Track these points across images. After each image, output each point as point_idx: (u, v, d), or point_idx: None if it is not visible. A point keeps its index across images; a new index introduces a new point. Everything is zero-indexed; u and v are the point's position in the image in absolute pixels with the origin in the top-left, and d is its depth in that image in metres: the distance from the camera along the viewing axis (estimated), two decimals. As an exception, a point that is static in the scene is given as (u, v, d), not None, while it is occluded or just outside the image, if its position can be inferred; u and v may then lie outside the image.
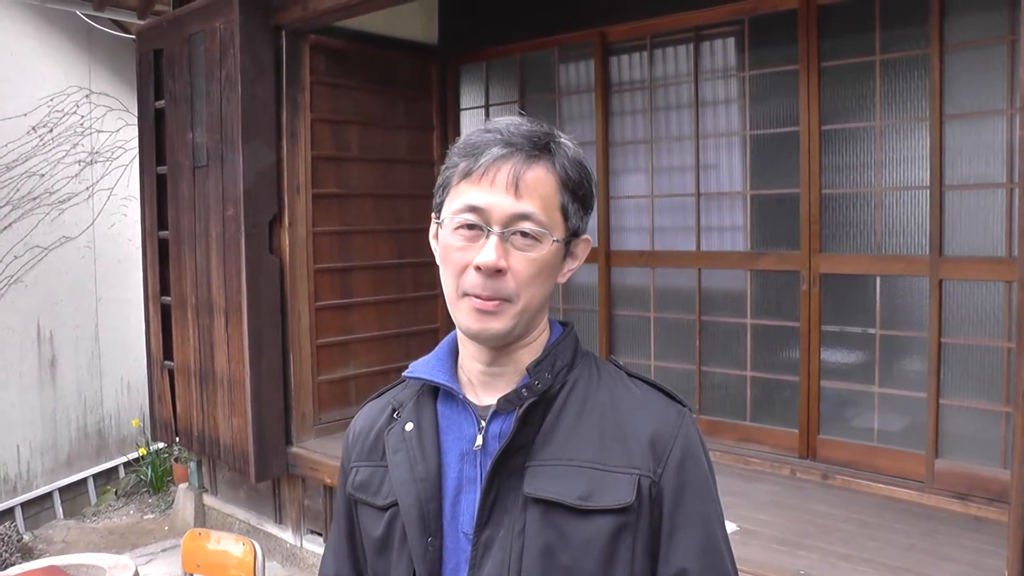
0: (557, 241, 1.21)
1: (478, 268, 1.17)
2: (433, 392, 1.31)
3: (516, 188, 1.17)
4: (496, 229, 1.17)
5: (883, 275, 3.90)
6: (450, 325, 1.26)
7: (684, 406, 1.27)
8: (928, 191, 3.70)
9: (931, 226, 3.68)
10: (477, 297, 1.18)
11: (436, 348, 1.35)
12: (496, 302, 1.18)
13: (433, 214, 1.28)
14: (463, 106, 5.56)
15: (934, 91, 3.64)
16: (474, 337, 1.23)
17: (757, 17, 4.24)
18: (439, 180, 1.26)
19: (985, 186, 3.57)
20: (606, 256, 4.87)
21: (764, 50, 4.26)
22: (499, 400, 1.22)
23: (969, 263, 3.60)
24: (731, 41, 4.42)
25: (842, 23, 3.96)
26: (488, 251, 1.16)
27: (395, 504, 1.26)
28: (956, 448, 3.66)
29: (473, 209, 1.18)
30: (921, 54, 3.71)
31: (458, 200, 1.20)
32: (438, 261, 1.26)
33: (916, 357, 3.83)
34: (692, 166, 4.54)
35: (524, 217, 1.17)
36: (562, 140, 1.23)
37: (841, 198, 4.02)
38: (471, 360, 1.28)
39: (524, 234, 1.18)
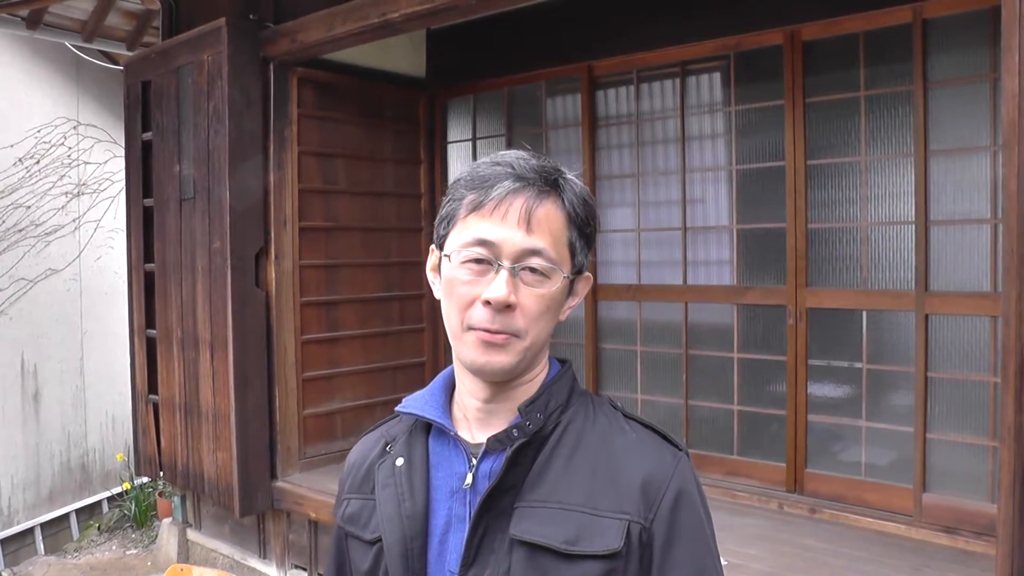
0: (566, 277, 1.20)
1: (487, 303, 1.16)
2: (425, 428, 1.29)
3: (528, 223, 1.16)
4: (507, 264, 1.16)
5: (869, 309, 3.91)
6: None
7: (680, 450, 1.25)
8: (913, 226, 3.72)
9: (917, 261, 3.70)
10: (485, 331, 1.16)
11: (431, 383, 1.33)
12: (505, 336, 1.17)
13: (433, 246, 1.26)
14: (450, 139, 5.56)
15: (918, 127, 3.67)
16: (479, 371, 1.21)
17: (742, 52, 4.28)
18: (442, 212, 1.24)
19: (970, 222, 3.59)
20: (593, 290, 4.85)
21: (750, 85, 4.30)
22: (489, 439, 1.20)
23: (955, 298, 3.61)
24: (717, 76, 4.45)
25: (827, 59, 4.00)
26: (499, 286, 1.15)
27: (381, 539, 1.25)
28: (944, 482, 3.65)
29: (483, 243, 1.16)
30: (905, 90, 3.75)
31: (467, 233, 1.18)
32: (438, 294, 1.24)
33: (903, 391, 3.82)
34: (679, 200, 4.56)
35: (535, 253, 1.17)
36: (569, 177, 1.23)
37: (827, 233, 4.04)
38: (468, 396, 1.26)
39: (533, 270, 1.17)
